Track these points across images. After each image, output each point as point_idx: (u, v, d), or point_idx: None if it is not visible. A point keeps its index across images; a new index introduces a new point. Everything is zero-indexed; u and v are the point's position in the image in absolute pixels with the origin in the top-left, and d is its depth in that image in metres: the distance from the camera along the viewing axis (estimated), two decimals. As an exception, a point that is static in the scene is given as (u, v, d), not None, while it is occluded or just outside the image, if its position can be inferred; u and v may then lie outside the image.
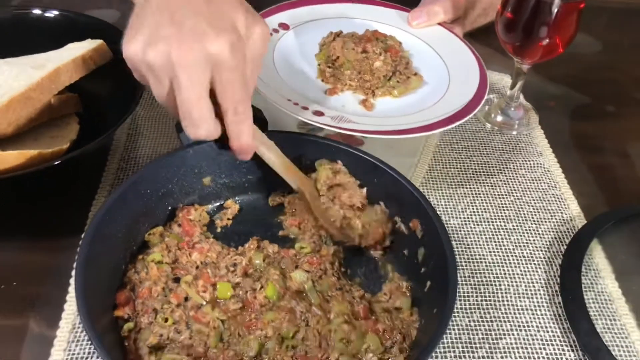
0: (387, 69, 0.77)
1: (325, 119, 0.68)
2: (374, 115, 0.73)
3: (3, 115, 0.61)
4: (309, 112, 0.69)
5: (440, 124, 0.69)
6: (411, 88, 0.78)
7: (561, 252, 0.69)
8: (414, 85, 0.78)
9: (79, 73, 0.71)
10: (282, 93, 0.70)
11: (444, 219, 0.72)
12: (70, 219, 0.68)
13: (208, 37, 0.49)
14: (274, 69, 0.75)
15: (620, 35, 1.11)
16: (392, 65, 0.77)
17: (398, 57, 0.78)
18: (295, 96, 0.71)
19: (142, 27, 0.51)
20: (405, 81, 0.78)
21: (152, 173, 0.63)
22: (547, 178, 0.78)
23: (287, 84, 0.73)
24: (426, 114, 0.72)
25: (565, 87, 0.95)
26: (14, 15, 0.81)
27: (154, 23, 0.51)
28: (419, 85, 0.78)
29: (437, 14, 0.84)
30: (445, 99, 0.74)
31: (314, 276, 0.60)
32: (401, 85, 0.77)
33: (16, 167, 0.61)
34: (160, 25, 0.50)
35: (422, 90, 0.78)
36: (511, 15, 0.75)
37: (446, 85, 0.77)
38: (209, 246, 0.62)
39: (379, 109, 0.75)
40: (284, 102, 0.69)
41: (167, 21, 0.50)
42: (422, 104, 0.74)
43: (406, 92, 0.77)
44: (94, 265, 0.54)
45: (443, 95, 0.75)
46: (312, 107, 0.70)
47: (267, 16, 0.82)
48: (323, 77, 0.78)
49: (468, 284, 0.65)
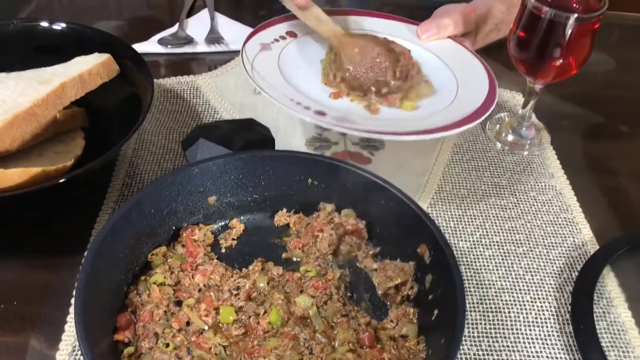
0: (400, 70, 0.76)
1: (328, 118, 0.66)
2: (378, 119, 0.72)
3: (7, 132, 0.61)
4: (311, 111, 0.67)
5: (447, 128, 0.67)
6: (421, 94, 0.76)
7: (572, 279, 0.67)
8: (424, 92, 0.76)
9: (85, 88, 0.70)
10: (286, 94, 0.69)
11: (453, 242, 0.71)
12: (73, 236, 0.67)
13: None
14: (279, 72, 0.74)
15: (634, 52, 1.09)
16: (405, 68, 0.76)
17: (410, 63, 0.77)
18: (298, 96, 0.70)
19: None
20: (416, 86, 0.77)
21: (156, 192, 0.62)
22: (559, 201, 0.76)
23: (292, 86, 0.72)
24: (432, 119, 0.70)
25: (578, 106, 0.94)
26: (22, 27, 0.80)
27: None
28: (430, 92, 0.76)
29: (447, 27, 0.83)
30: (453, 105, 0.73)
31: (319, 301, 0.59)
32: (413, 91, 0.76)
33: (20, 184, 0.60)
34: None
35: (430, 98, 0.76)
36: (524, 34, 0.74)
37: (454, 93, 0.75)
38: (212, 268, 0.61)
39: (384, 113, 0.73)
40: (286, 101, 0.67)
41: None
42: (427, 110, 0.73)
43: (416, 98, 0.76)
44: (95, 287, 0.53)
45: (451, 102, 0.74)
46: (314, 107, 0.68)
47: (275, 24, 0.82)
48: (327, 82, 0.76)
49: (476, 311, 0.64)
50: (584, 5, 0.74)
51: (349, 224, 0.65)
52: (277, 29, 0.80)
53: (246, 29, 1.00)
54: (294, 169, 0.67)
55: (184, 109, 0.86)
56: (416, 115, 0.72)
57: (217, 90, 0.89)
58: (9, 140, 0.62)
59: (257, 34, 0.77)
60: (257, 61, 0.73)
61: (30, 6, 1.05)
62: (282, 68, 0.74)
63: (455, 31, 0.82)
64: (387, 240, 0.65)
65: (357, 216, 0.66)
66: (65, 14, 1.05)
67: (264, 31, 0.79)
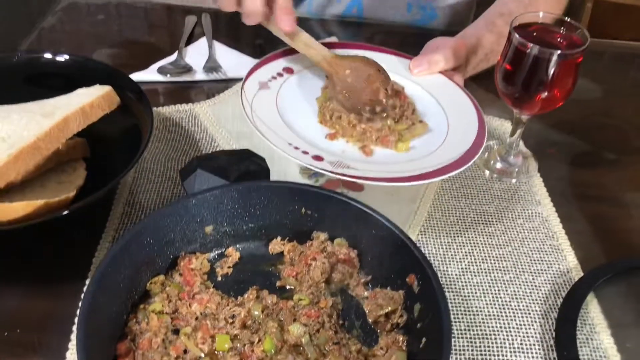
0: (395, 112, 0.78)
1: (324, 164, 0.69)
2: (372, 162, 0.74)
3: (12, 165, 0.63)
4: (309, 156, 0.70)
5: (437, 173, 0.69)
6: (416, 134, 0.79)
7: (557, 305, 0.69)
8: (419, 132, 0.79)
9: (87, 121, 0.73)
10: (284, 137, 0.72)
11: (442, 269, 0.73)
12: (74, 265, 0.69)
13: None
14: (277, 112, 0.77)
15: (620, 80, 1.12)
16: (400, 109, 0.79)
17: (406, 103, 0.80)
18: (296, 140, 0.72)
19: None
20: (411, 127, 0.79)
21: (155, 223, 0.64)
22: (545, 228, 0.79)
23: (289, 127, 0.75)
24: (424, 162, 0.73)
25: (565, 134, 0.96)
26: (26, 59, 0.83)
27: None
28: (424, 131, 0.79)
29: (437, 62, 0.85)
30: (443, 147, 0.75)
31: (311, 329, 0.61)
32: (407, 132, 0.78)
33: (24, 217, 0.62)
34: None
35: (423, 138, 0.79)
36: (510, 68, 0.77)
37: (445, 133, 0.78)
38: (208, 297, 0.63)
39: (377, 155, 0.76)
40: (285, 146, 0.70)
41: None
42: (420, 152, 0.76)
43: (411, 138, 0.78)
44: (97, 316, 0.56)
45: (441, 144, 0.76)
46: (312, 151, 0.71)
47: (271, 61, 0.84)
48: (323, 121, 0.79)
49: (464, 337, 0.66)
50: (567, 40, 0.77)
51: (341, 252, 0.68)
52: (274, 65, 0.83)
53: (243, 57, 1.04)
54: (288, 199, 0.69)
55: (183, 137, 0.88)
56: (409, 157, 0.74)
57: (215, 118, 0.92)
58: (14, 174, 0.64)
59: (255, 72, 0.80)
60: (255, 102, 0.75)
61: (32, 35, 1.07)
62: (280, 107, 0.77)
63: (446, 66, 0.85)
64: (377, 268, 0.67)
65: (349, 245, 0.69)
66: (66, 42, 1.07)
67: (261, 68, 0.81)
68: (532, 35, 0.76)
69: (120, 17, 1.17)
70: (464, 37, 0.90)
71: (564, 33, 0.78)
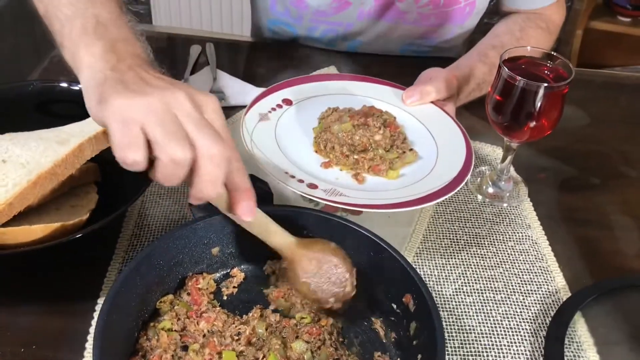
0: (386, 142, 0.82)
1: (319, 191, 0.73)
2: (364, 189, 0.78)
3: (31, 190, 0.67)
4: (304, 184, 0.74)
5: (424, 200, 0.73)
6: (406, 162, 0.83)
7: (546, 324, 0.73)
8: (409, 160, 0.83)
9: (100, 147, 0.76)
10: (281, 166, 0.76)
11: (437, 289, 0.77)
12: (86, 285, 0.73)
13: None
14: (275, 142, 0.81)
15: (607, 107, 1.17)
16: (390, 139, 0.83)
17: (397, 133, 0.84)
18: (292, 169, 0.76)
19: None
20: (402, 155, 0.83)
21: (165, 245, 0.68)
22: (535, 250, 0.83)
23: (286, 157, 0.79)
24: (415, 187, 0.77)
25: (554, 160, 1.01)
26: (40, 88, 0.87)
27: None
28: (414, 159, 0.83)
29: (429, 93, 0.89)
30: (431, 175, 0.79)
31: (313, 346, 0.64)
32: (398, 161, 0.82)
33: (42, 238, 0.66)
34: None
35: (412, 165, 0.82)
36: (499, 99, 0.81)
37: (434, 161, 0.82)
38: (215, 315, 0.67)
39: (369, 182, 0.79)
40: (281, 175, 0.74)
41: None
42: (410, 178, 0.79)
43: (401, 166, 0.82)
44: (110, 335, 0.59)
45: (430, 171, 0.80)
46: (307, 179, 0.75)
47: (271, 93, 0.88)
48: (318, 150, 0.83)
49: (457, 355, 0.69)
50: (554, 72, 0.82)
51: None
52: (275, 97, 0.87)
53: (246, 85, 1.08)
54: (290, 221, 0.73)
55: (188, 162, 0.92)
56: (400, 184, 0.78)
57: (219, 144, 0.95)
58: (33, 198, 0.68)
59: (256, 104, 0.84)
60: (255, 133, 0.80)
61: (43, 63, 1.12)
62: (279, 137, 0.81)
63: (437, 97, 0.88)
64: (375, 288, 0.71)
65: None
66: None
67: (262, 100, 0.86)
68: (521, 68, 0.81)
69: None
70: (457, 68, 0.95)
71: (550, 66, 0.82)
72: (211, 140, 0.56)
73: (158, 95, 0.56)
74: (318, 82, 0.92)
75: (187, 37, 1.24)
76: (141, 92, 0.56)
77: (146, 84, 0.58)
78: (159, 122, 0.54)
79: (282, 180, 0.72)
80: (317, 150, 0.82)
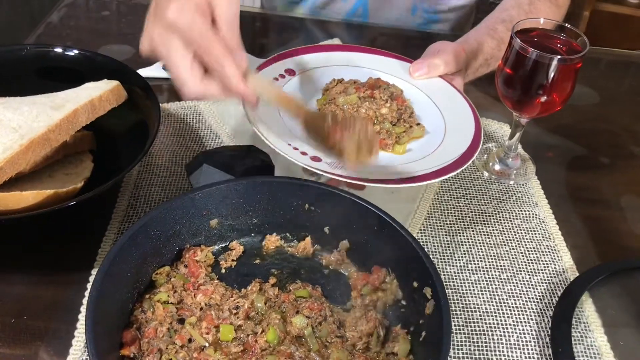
0: (393, 115, 0.80)
1: (322, 164, 0.70)
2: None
3: (23, 156, 0.64)
4: (307, 157, 0.71)
5: (432, 176, 0.71)
6: (413, 137, 0.80)
7: (553, 304, 0.71)
8: (416, 135, 0.80)
9: (95, 114, 0.74)
10: (284, 138, 0.73)
11: (441, 267, 0.74)
12: (80, 255, 0.70)
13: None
14: (278, 114, 0.78)
15: (616, 86, 1.15)
16: (397, 113, 0.80)
17: (404, 106, 0.81)
18: (295, 141, 0.74)
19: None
20: (408, 130, 0.81)
21: (162, 215, 0.66)
22: (542, 229, 0.81)
23: (290, 128, 0.76)
24: (422, 163, 0.74)
25: (563, 138, 0.99)
26: (34, 52, 0.84)
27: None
28: (422, 134, 0.80)
29: (437, 66, 0.86)
30: (439, 150, 0.77)
31: (314, 322, 0.62)
32: (405, 135, 0.79)
33: (34, 205, 0.64)
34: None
35: (420, 140, 0.80)
36: (510, 72, 0.79)
37: (442, 136, 0.79)
38: (213, 288, 0.64)
39: None
40: (284, 147, 0.71)
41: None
42: (417, 154, 0.77)
43: (408, 141, 0.80)
44: (104, 305, 0.57)
45: (438, 146, 0.77)
46: (310, 152, 0.72)
47: (273, 62, 0.85)
48: None
49: (462, 333, 0.67)
50: (567, 46, 0.79)
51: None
52: (277, 67, 0.84)
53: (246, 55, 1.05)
54: (292, 194, 0.70)
55: (187, 133, 0.90)
56: (406, 159, 0.76)
57: (219, 115, 0.93)
58: (24, 164, 0.65)
59: (258, 73, 0.81)
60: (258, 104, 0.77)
61: (39, 29, 1.09)
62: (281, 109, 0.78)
63: (445, 70, 0.86)
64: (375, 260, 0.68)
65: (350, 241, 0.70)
66: (72, 37, 1.09)
67: (264, 70, 0.82)
68: (533, 41, 0.78)
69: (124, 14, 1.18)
70: (466, 42, 0.92)
71: (564, 39, 0.80)
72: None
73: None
74: (322, 52, 0.89)
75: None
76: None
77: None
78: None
79: (285, 152, 0.70)
80: None
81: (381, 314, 0.65)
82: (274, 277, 0.68)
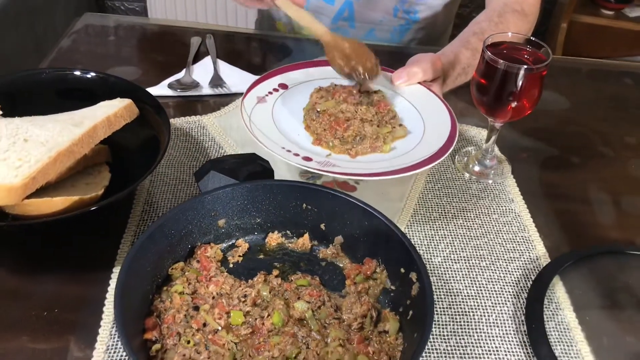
0: (372, 113, 0.87)
1: (313, 163, 0.79)
2: (358, 161, 0.84)
3: (52, 167, 0.72)
4: (299, 157, 0.80)
5: (418, 166, 0.80)
6: (397, 137, 0.89)
7: (527, 287, 0.79)
8: (399, 135, 0.89)
9: (111, 129, 0.82)
10: (278, 142, 0.82)
11: (427, 257, 0.83)
12: (101, 256, 0.78)
13: None
14: (272, 122, 0.87)
15: (585, 93, 1.23)
16: (378, 114, 0.88)
17: (386, 110, 0.90)
18: (288, 145, 0.83)
19: None
20: (392, 130, 0.89)
21: (176, 216, 0.74)
22: (517, 222, 0.89)
23: (283, 134, 0.85)
24: (406, 157, 0.83)
25: (536, 140, 1.07)
26: (54, 75, 0.92)
27: None
28: (404, 134, 0.89)
29: (416, 74, 0.95)
30: (420, 146, 0.86)
31: (313, 306, 0.70)
32: (389, 135, 0.88)
33: (62, 210, 0.72)
34: None
35: (402, 139, 0.89)
36: (483, 81, 0.87)
37: (421, 134, 0.88)
38: (223, 279, 0.72)
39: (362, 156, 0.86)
40: (278, 150, 0.80)
41: None
42: (401, 151, 0.86)
43: (392, 141, 0.88)
44: (128, 296, 0.64)
45: (418, 143, 0.86)
46: (301, 153, 0.82)
47: (268, 78, 0.95)
48: (306, 128, 0.88)
49: (446, 314, 0.75)
50: (533, 56, 0.88)
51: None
52: (271, 82, 0.93)
53: (244, 74, 1.14)
54: (291, 196, 0.79)
55: (193, 145, 0.98)
56: (391, 155, 0.85)
57: (221, 128, 1.01)
58: (53, 174, 0.73)
59: (254, 89, 0.91)
60: (254, 114, 0.86)
61: (51, 54, 1.17)
62: (275, 117, 0.87)
63: (424, 77, 0.95)
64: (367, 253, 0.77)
65: (343, 236, 0.78)
66: (82, 61, 1.17)
67: (259, 85, 0.92)
68: (502, 53, 0.87)
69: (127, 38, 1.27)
70: (443, 54, 1.01)
71: (530, 50, 0.89)
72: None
73: None
74: (313, 67, 0.98)
75: (184, 29, 1.29)
76: None
77: None
78: None
79: (280, 155, 0.78)
80: (306, 128, 0.88)
81: (373, 298, 0.73)
82: (277, 269, 0.76)
